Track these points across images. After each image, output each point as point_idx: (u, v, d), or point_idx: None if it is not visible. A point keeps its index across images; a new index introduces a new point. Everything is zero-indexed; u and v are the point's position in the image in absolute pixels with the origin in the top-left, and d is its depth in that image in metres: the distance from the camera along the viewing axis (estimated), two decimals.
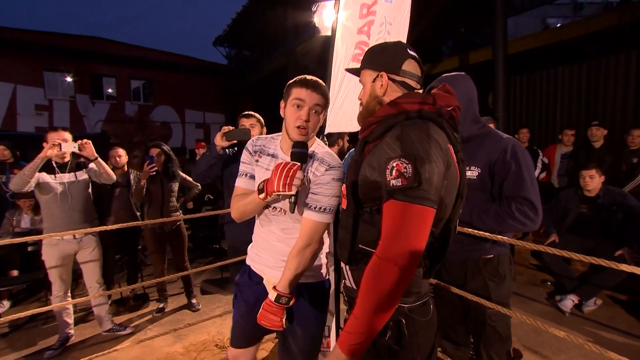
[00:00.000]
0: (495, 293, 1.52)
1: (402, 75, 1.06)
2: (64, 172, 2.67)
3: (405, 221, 0.86)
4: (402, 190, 0.87)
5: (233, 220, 1.42)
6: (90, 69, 14.93)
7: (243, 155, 1.41)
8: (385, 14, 2.14)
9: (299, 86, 1.27)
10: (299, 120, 1.25)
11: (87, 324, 3.16)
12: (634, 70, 5.62)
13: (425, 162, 0.87)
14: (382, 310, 0.86)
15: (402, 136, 0.91)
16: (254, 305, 1.38)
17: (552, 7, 14.50)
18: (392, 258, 0.85)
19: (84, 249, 2.77)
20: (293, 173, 1.15)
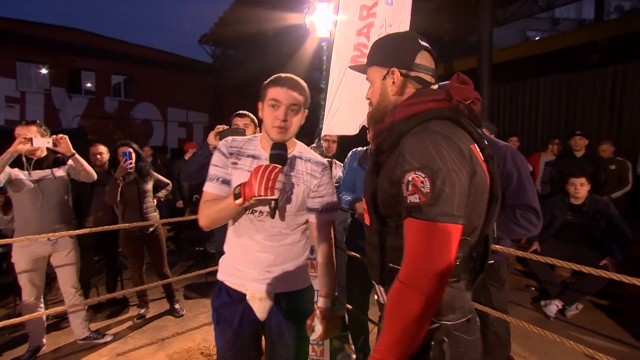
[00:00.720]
0: (497, 298, 1.56)
1: (415, 69, 0.95)
2: (39, 169, 2.50)
3: (428, 242, 0.77)
4: (421, 208, 0.78)
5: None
6: (68, 61, 14.33)
7: (214, 157, 1.30)
8: (386, 16, 2.13)
9: (274, 85, 1.23)
10: (276, 120, 1.22)
11: (60, 332, 2.96)
12: (609, 84, 5.88)
13: (444, 173, 0.77)
14: (409, 337, 0.79)
15: (416, 144, 0.82)
16: (240, 328, 1.30)
17: (531, 20, 15.10)
18: (416, 284, 0.76)
19: (59, 251, 2.60)
20: (275, 176, 1.09)
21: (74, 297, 2.69)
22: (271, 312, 1.33)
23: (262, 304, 1.30)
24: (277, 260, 1.30)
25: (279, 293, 1.32)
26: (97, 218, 3.32)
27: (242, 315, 1.30)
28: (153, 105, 16.48)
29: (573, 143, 4.03)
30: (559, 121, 6.48)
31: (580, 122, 6.15)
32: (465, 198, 0.81)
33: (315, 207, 1.31)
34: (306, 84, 1.29)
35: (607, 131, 5.84)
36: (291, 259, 1.33)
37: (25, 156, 2.45)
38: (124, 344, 2.79)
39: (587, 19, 17.95)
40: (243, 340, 1.31)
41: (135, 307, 3.35)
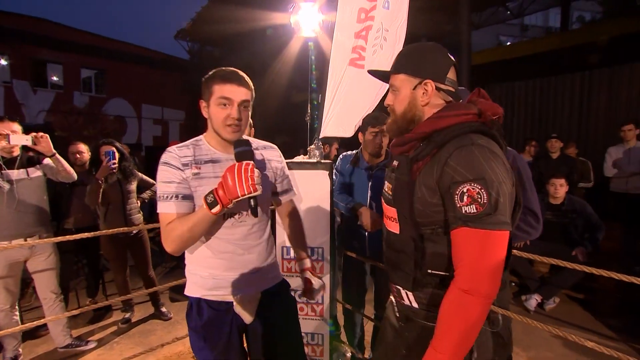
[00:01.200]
0: (498, 297, 1.57)
1: (447, 83, 0.99)
2: (11, 169, 2.35)
3: (486, 249, 0.83)
4: (479, 218, 0.83)
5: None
6: (31, 52, 13.46)
7: (164, 174, 1.15)
8: (383, 20, 2.16)
9: (221, 82, 1.14)
10: (229, 119, 1.15)
11: (39, 340, 2.81)
12: (578, 89, 6.25)
13: (497, 185, 0.84)
14: (468, 340, 0.85)
15: (467, 157, 0.86)
16: (230, 339, 1.24)
17: (503, 26, 15.75)
18: (478, 290, 0.83)
19: (37, 255, 2.45)
20: (252, 172, 1.05)
21: (54, 303, 2.55)
22: (260, 311, 1.31)
23: (252, 306, 1.28)
24: (259, 258, 1.29)
25: (265, 290, 1.32)
26: (78, 219, 3.17)
27: (231, 325, 1.25)
28: (126, 101, 15.82)
29: (549, 145, 4.26)
30: (533, 123, 6.82)
31: (552, 124, 6.50)
32: (511, 207, 0.90)
33: (285, 188, 1.41)
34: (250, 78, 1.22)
35: (577, 133, 6.21)
36: (269, 254, 1.35)
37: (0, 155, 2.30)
38: (110, 350, 2.68)
39: (553, 26, 18.99)
40: (235, 351, 1.26)
41: (120, 311, 3.22)
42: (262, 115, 13.13)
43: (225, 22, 11.57)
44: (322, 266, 1.95)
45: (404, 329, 1.09)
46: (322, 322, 1.98)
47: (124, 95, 15.68)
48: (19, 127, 2.38)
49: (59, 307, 2.58)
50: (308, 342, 2.00)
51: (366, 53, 2.14)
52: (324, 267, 1.95)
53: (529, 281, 3.39)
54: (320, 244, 1.93)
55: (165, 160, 1.17)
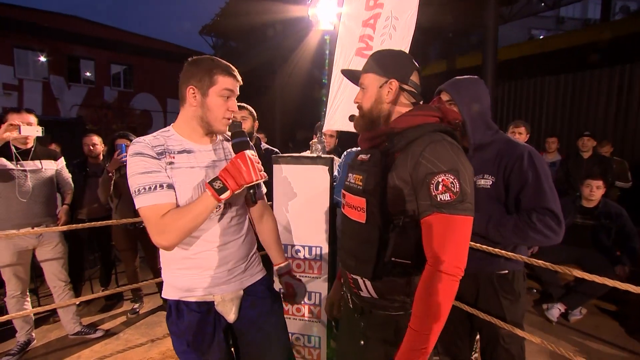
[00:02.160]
0: (510, 312, 1.43)
1: (410, 85, 1.09)
2: (25, 159, 2.41)
3: (456, 232, 0.92)
4: (452, 204, 0.92)
5: None
6: (67, 49, 14.14)
7: (139, 163, 1.06)
8: (393, 8, 2.03)
9: (225, 74, 1.13)
10: (228, 113, 1.15)
11: (51, 326, 2.90)
12: (616, 84, 5.78)
13: (466, 176, 0.94)
14: (443, 319, 0.91)
15: (441, 150, 0.95)
16: (214, 340, 1.20)
17: (536, 18, 14.92)
18: (449, 269, 0.90)
19: (45, 245, 2.51)
20: (256, 160, 1.10)
21: (62, 291, 2.62)
22: (243, 310, 1.26)
23: (234, 304, 1.23)
24: (239, 253, 1.25)
25: (247, 288, 1.27)
26: (91, 210, 3.24)
27: (214, 325, 1.20)
28: (152, 95, 16.33)
29: (580, 144, 3.94)
30: (563, 120, 6.39)
31: (585, 121, 6.06)
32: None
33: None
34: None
35: (612, 131, 5.76)
36: (250, 248, 1.31)
37: (14, 145, 2.37)
38: (116, 340, 2.73)
39: (592, 18, 17.82)
40: (220, 351, 1.22)
41: (129, 302, 3.28)
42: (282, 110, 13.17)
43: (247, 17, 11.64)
44: (320, 266, 1.86)
45: (360, 320, 1.13)
46: (319, 325, 1.89)
47: (150, 90, 16.20)
48: (35, 119, 2.43)
49: (68, 295, 2.64)
50: (305, 345, 1.93)
51: (374, 42, 2.03)
52: (322, 267, 1.86)
53: (553, 288, 3.15)
54: (319, 243, 1.84)
55: (137, 150, 1.08)
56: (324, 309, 1.83)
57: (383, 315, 1.07)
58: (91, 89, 15.03)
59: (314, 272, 1.87)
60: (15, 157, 2.36)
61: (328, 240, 1.83)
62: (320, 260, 1.86)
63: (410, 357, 0.90)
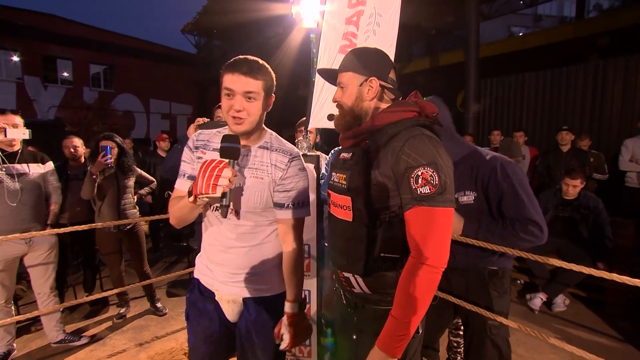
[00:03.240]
0: (498, 304, 1.52)
1: (389, 82, 1.10)
2: (12, 163, 2.33)
3: (437, 224, 0.93)
4: (432, 197, 0.93)
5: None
6: (42, 49, 13.64)
7: (184, 153, 1.23)
8: (376, 4, 2.04)
9: (227, 71, 1.09)
10: (232, 111, 1.10)
11: (32, 335, 2.80)
12: (591, 79, 5.98)
13: (445, 168, 0.95)
14: (423, 309, 0.94)
15: (420, 145, 0.97)
16: (210, 327, 1.25)
17: (515, 16, 15.27)
18: (431, 261, 0.92)
19: (35, 250, 2.44)
20: (219, 171, 0.98)
21: (47, 298, 2.54)
22: (241, 317, 1.26)
23: (231, 306, 1.24)
24: (246, 262, 1.21)
25: (249, 298, 1.23)
26: (74, 214, 3.15)
27: (212, 314, 1.25)
28: (134, 96, 15.95)
29: (560, 138, 4.07)
30: (543, 115, 6.57)
31: (564, 116, 6.25)
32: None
33: (280, 202, 1.18)
34: (269, 67, 1.15)
35: (590, 125, 5.96)
36: (261, 261, 1.23)
37: (0, 148, 2.29)
38: (103, 346, 2.66)
39: (568, 16, 18.35)
40: (213, 340, 1.26)
41: (115, 307, 3.21)
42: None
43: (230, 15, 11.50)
44: (308, 264, 1.86)
45: (353, 315, 1.16)
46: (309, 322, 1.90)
47: (132, 91, 15.83)
48: (21, 120, 2.36)
49: (53, 302, 2.57)
50: None
51: (357, 40, 2.04)
52: (310, 265, 1.87)
53: (540, 280, 3.23)
54: (307, 241, 1.84)
55: (187, 141, 1.25)
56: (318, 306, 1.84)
57: (375, 310, 1.09)
58: (69, 89, 14.56)
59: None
60: (2, 160, 2.28)
61: (316, 238, 1.84)
62: (308, 258, 1.86)
63: (390, 342, 0.94)
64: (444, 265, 0.93)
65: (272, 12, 9.53)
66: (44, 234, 2.37)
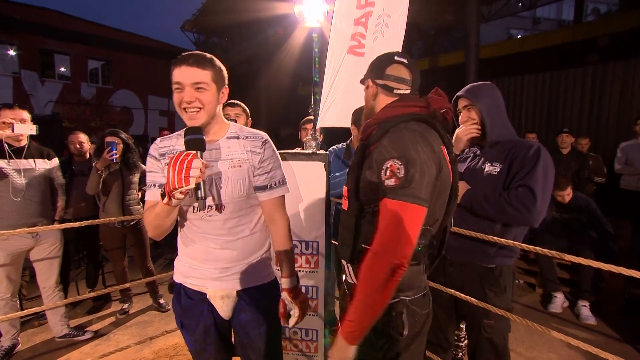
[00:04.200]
0: (494, 303, 1.45)
1: (384, 78, 1.12)
2: (19, 158, 2.34)
3: (397, 218, 0.91)
4: (395, 189, 0.92)
5: None
6: (39, 43, 13.50)
7: (148, 164, 1.21)
8: (385, 5, 2.07)
9: (175, 66, 1.09)
10: (182, 103, 1.09)
11: (37, 329, 2.82)
12: (589, 82, 6.05)
13: (417, 163, 0.93)
14: (376, 300, 0.92)
15: (396, 138, 0.98)
16: (206, 330, 1.24)
17: (514, 18, 15.38)
18: (384, 252, 0.90)
19: (41, 244, 2.44)
20: (188, 163, 0.97)
21: (52, 292, 2.55)
22: (235, 311, 1.26)
23: (225, 302, 1.23)
24: (237, 255, 1.22)
25: (242, 290, 1.24)
26: (79, 210, 3.16)
27: (206, 316, 1.24)
28: (133, 92, 15.86)
29: (560, 140, 4.11)
30: (542, 117, 6.63)
31: (562, 119, 6.31)
32: (432, 188, 0.97)
33: (263, 185, 1.21)
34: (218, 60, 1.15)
35: (587, 128, 6.02)
36: (252, 252, 1.25)
37: (7, 143, 2.29)
38: (107, 341, 2.68)
39: (566, 19, 18.49)
40: (212, 342, 1.26)
41: (118, 302, 3.23)
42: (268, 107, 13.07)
43: (230, 13, 11.47)
44: (317, 260, 1.89)
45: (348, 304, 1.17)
46: (316, 318, 1.93)
47: (130, 87, 15.73)
48: (28, 115, 2.37)
49: (58, 296, 2.58)
50: (302, 338, 1.96)
51: (366, 40, 2.07)
52: (319, 261, 1.89)
53: (550, 283, 3.25)
54: (316, 238, 1.88)
55: (149, 151, 1.23)
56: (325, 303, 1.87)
57: None
58: (67, 84, 14.44)
59: (310, 266, 1.90)
60: (9, 155, 2.28)
61: (325, 235, 1.87)
62: (317, 255, 1.89)
63: (346, 326, 0.94)
64: (400, 260, 0.89)
65: (273, 12, 9.52)
66: (49, 228, 2.38)
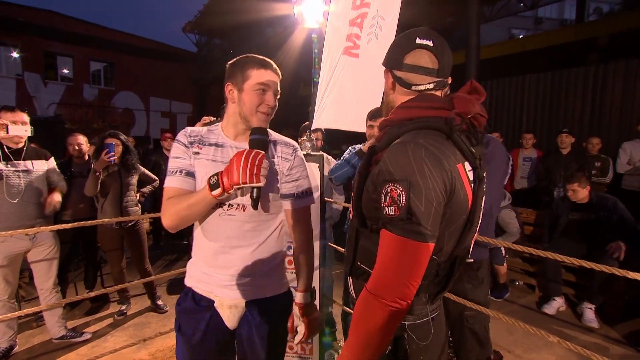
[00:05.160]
0: (473, 295, 1.56)
1: (404, 69, 0.90)
2: (17, 159, 2.34)
3: (397, 256, 0.77)
4: (394, 221, 0.77)
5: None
6: (43, 45, 13.60)
7: (174, 149, 1.18)
8: (379, 7, 2.06)
9: (259, 67, 1.12)
10: (264, 106, 1.12)
11: (34, 331, 2.82)
12: (591, 82, 6.01)
13: (422, 189, 0.75)
14: (372, 344, 0.80)
15: (398, 155, 0.79)
16: (204, 338, 1.19)
17: (515, 18, 15.32)
18: (383, 295, 0.77)
19: (38, 246, 2.45)
20: (259, 162, 1.00)
21: (50, 294, 2.55)
22: (242, 321, 1.21)
23: (232, 312, 1.19)
24: (249, 262, 1.17)
25: (252, 301, 1.19)
26: (77, 211, 3.17)
27: (207, 324, 1.18)
28: (135, 94, 15.93)
29: (559, 140, 4.09)
30: (543, 117, 6.60)
31: (564, 119, 6.28)
32: (440, 217, 0.79)
33: (289, 193, 1.19)
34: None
35: (589, 128, 5.98)
36: (265, 261, 1.19)
37: (6, 145, 2.30)
38: (104, 342, 2.68)
39: (568, 19, 18.41)
40: (207, 353, 1.20)
41: (116, 304, 3.23)
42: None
43: (231, 14, 11.50)
44: None
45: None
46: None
47: (132, 88, 15.80)
48: (28, 118, 2.38)
49: (56, 298, 2.58)
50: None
51: (361, 42, 2.06)
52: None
53: (553, 285, 3.20)
54: None
55: (177, 137, 1.19)
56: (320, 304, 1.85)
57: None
58: (69, 86, 14.52)
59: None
60: (7, 157, 2.29)
61: (319, 236, 1.86)
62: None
63: None
64: (399, 303, 0.76)
65: (273, 13, 9.53)
66: (46, 229, 2.38)
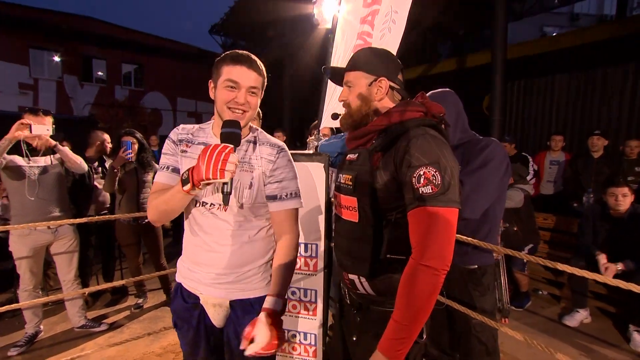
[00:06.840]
0: (480, 302, 1.51)
1: (397, 83, 1.11)
2: (36, 156, 2.47)
3: (439, 225, 0.90)
4: (434, 197, 0.91)
5: None
6: (81, 49, 14.40)
7: (165, 146, 1.19)
8: (392, 2, 2.01)
9: (230, 63, 1.07)
10: (232, 103, 1.08)
11: (58, 318, 2.98)
12: (631, 82, 5.62)
13: (448, 167, 0.93)
14: (424, 312, 0.90)
15: (423, 144, 0.95)
16: (197, 335, 1.21)
17: (549, 15, 14.62)
18: (431, 262, 0.89)
19: (60, 239, 2.58)
20: (225, 156, 0.94)
21: (72, 285, 2.68)
22: (228, 321, 1.20)
23: (217, 310, 1.19)
24: (233, 261, 1.15)
25: (235, 300, 1.18)
26: (99, 206, 3.31)
27: (198, 320, 1.20)
28: (162, 94, 16.53)
29: (590, 143, 3.81)
30: (574, 119, 6.24)
31: (597, 121, 5.91)
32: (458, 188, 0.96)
33: (273, 194, 1.16)
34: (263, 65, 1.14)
35: (626, 131, 5.60)
36: (250, 261, 1.18)
37: (26, 143, 2.43)
38: (120, 334, 2.78)
39: (608, 14, 17.33)
40: (202, 348, 1.23)
41: (134, 297, 3.34)
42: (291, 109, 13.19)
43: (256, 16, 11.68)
44: (315, 263, 1.86)
45: (356, 315, 1.15)
46: (315, 322, 1.90)
47: (160, 89, 16.40)
48: (51, 120, 2.49)
49: (77, 289, 2.71)
50: (301, 342, 1.93)
51: (373, 39, 2.02)
52: (317, 264, 1.86)
53: (578, 296, 2.98)
54: (315, 240, 1.85)
55: (169, 135, 1.22)
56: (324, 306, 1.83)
57: (379, 311, 1.07)
58: (103, 88, 15.27)
59: (310, 269, 1.87)
60: (26, 154, 2.42)
61: (324, 236, 1.83)
62: (316, 257, 1.86)
63: (391, 346, 0.92)
64: (446, 267, 0.89)
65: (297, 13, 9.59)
66: (66, 222, 2.49)
